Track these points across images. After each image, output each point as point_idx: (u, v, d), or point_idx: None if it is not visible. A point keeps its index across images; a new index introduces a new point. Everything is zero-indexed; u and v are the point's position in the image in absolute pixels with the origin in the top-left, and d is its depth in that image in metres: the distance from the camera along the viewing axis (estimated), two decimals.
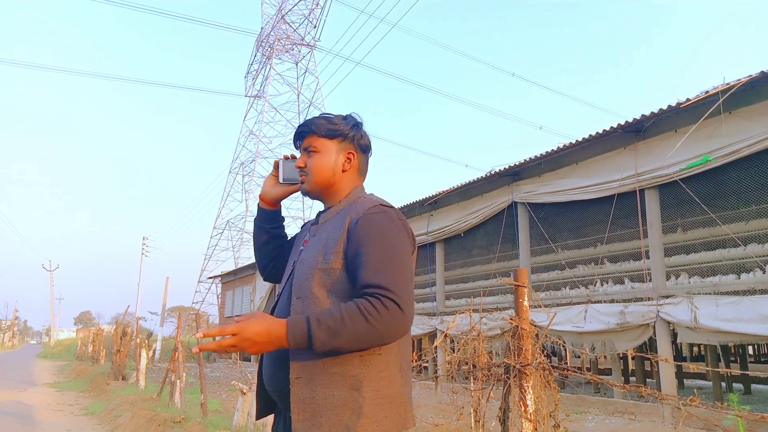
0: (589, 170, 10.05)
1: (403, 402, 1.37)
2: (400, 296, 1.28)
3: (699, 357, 17.90)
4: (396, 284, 1.30)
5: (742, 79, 7.35)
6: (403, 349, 1.41)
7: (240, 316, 1.29)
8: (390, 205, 1.48)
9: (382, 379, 1.33)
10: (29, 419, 7.97)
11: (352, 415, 1.28)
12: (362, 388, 1.30)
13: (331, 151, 1.57)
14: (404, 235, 1.43)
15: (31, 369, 21.29)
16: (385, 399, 1.32)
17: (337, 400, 1.29)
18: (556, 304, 10.53)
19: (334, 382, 1.30)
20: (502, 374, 2.38)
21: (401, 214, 1.47)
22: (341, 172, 1.58)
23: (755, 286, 7.66)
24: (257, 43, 41.94)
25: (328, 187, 1.57)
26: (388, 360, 1.36)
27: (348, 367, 1.31)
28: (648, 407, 8.26)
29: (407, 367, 1.42)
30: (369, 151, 1.66)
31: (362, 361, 1.32)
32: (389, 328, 1.27)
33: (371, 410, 1.29)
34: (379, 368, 1.33)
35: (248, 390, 5.81)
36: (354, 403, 1.29)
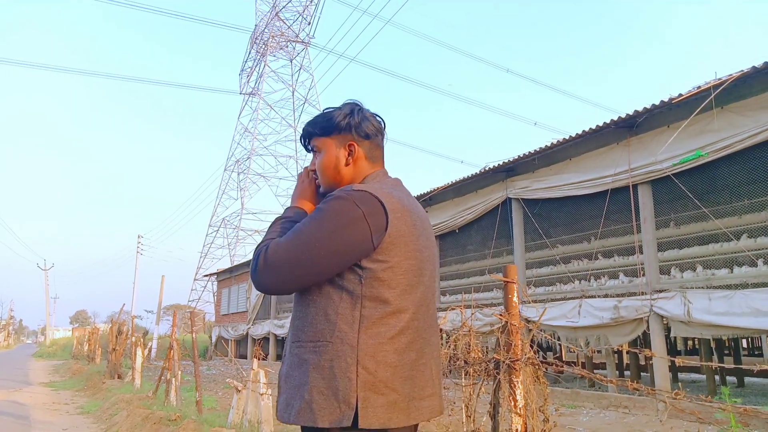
0: (583, 166, 10.08)
1: (349, 397, 1.30)
2: (270, 254, 1.38)
3: (693, 350, 18.02)
4: (279, 249, 1.39)
5: (733, 75, 7.39)
6: (368, 343, 1.33)
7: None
8: (365, 190, 1.40)
9: (329, 368, 1.32)
10: (24, 419, 7.96)
11: (298, 397, 1.35)
12: (309, 373, 1.34)
13: (331, 147, 1.56)
14: (348, 222, 1.35)
15: (27, 368, 21.25)
16: (329, 389, 1.31)
17: (293, 380, 1.38)
18: (550, 299, 10.57)
19: (294, 363, 1.40)
20: (492, 369, 2.40)
21: (372, 202, 1.37)
22: (344, 166, 1.55)
23: (747, 279, 7.72)
24: (251, 40, 41.82)
25: (337, 184, 1.55)
26: (339, 350, 1.33)
27: (303, 351, 1.38)
28: (642, 401, 8.31)
29: (378, 363, 1.33)
30: (375, 135, 1.59)
31: (314, 347, 1.36)
32: (251, 269, 1.44)
33: (311, 396, 1.32)
34: (327, 357, 1.33)
35: (243, 388, 5.82)
36: (301, 387, 1.35)
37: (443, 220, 13.39)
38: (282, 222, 1.52)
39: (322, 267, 1.36)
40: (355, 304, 1.36)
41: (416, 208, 1.51)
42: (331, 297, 1.37)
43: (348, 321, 1.35)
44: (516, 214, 11.55)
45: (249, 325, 24.30)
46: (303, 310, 1.42)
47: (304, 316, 1.41)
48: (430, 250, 1.52)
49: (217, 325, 29.74)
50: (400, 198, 1.45)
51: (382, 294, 1.37)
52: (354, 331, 1.34)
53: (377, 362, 1.34)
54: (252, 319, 24.18)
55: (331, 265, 1.36)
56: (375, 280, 1.37)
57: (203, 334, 34.63)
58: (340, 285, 1.37)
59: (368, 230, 1.36)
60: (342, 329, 1.34)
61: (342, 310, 1.36)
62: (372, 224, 1.36)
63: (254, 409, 5.62)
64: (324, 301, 1.38)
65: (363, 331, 1.34)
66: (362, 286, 1.36)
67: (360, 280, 1.36)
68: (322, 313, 1.37)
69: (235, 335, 26.10)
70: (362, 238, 1.35)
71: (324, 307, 1.37)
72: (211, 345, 29.30)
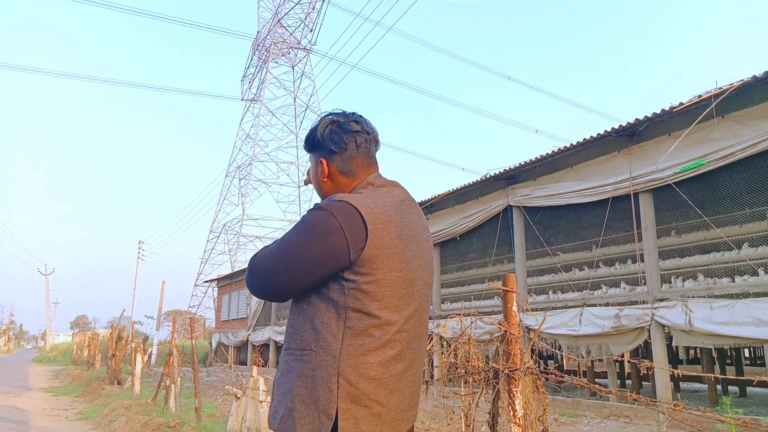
0: (584, 174, 10.09)
1: (328, 408, 1.30)
2: (254, 260, 1.47)
3: (695, 360, 17.94)
4: (261, 257, 1.46)
5: (734, 84, 7.40)
6: (351, 354, 1.32)
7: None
8: (343, 200, 1.37)
9: (311, 377, 1.34)
10: (24, 424, 7.94)
11: (281, 405, 1.37)
12: (294, 381, 1.36)
13: (314, 164, 1.62)
14: (323, 233, 1.33)
15: (27, 373, 21.21)
16: (310, 398, 1.32)
17: (281, 387, 1.41)
18: (551, 307, 10.55)
19: (283, 370, 1.43)
20: (491, 379, 2.39)
21: (351, 214, 1.34)
22: (323, 181, 1.58)
23: (749, 289, 7.70)
24: (254, 46, 42.03)
25: (323, 197, 1.58)
26: (322, 360, 1.33)
27: (291, 359, 1.40)
28: (643, 410, 8.27)
29: (362, 376, 1.32)
30: (347, 147, 1.53)
31: (301, 355, 1.38)
32: (246, 279, 1.50)
33: (293, 404, 1.34)
34: (311, 366, 1.35)
35: (242, 395, 5.80)
36: (286, 394, 1.37)
37: (444, 227, 13.38)
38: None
39: (297, 276, 1.37)
40: (339, 315, 1.35)
41: (405, 217, 1.46)
42: (318, 307, 1.38)
43: (332, 331, 1.34)
44: (517, 222, 11.54)
45: (249, 332, 24.26)
46: (294, 318, 1.44)
47: (294, 324, 1.44)
48: (422, 259, 1.48)
49: (217, 332, 29.70)
50: (385, 208, 1.41)
51: (366, 306, 1.35)
52: (337, 341, 1.33)
53: (359, 374, 1.32)
54: (252, 326, 24.15)
55: (306, 274, 1.36)
56: (359, 292, 1.35)
57: (203, 341, 34.58)
58: (326, 295, 1.37)
59: (345, 241, 1.33)
60: (326, 339, 1.34)
61: (327, 320, 1.36)
62: (349, 236, 1.33)
63: (253, 417, 5.60)
64: (312, 311, 1.39)
65: (346, 342, 1.33)
66: (346, 297, 1.34)
67: (343, 291, 1.35)
68: (309, 322, 1.39)
69: (235, 341, 26.06)
70: (338, 249, 1.33)
71: (311, 317, 1.39)
72: (211, 351, 29.25)
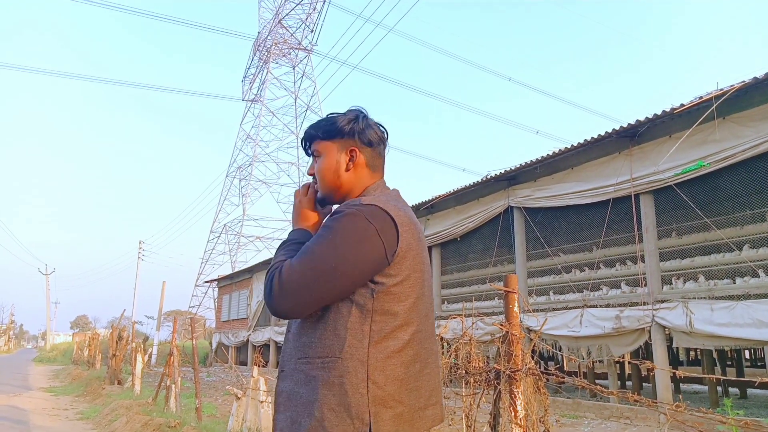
0: (585, 175, 10.09)
1: (361, 413, 1.29)
2: (285, 277, 1.34)
3: (696, 361, 17.94)
4: (293, 271, 1.34)
5: (735, 85, 7.41)
6: (377, 357, 1.33)
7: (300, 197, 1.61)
8: (375, 205, 1.38)
9: (340, 384, 1.30)
10: (24, 424, 7.95)
11: (305, 415, 1.31)
12: (319, 390, 1.31)
13: (332, 151, 1.54)
14: (362, 238, 1.33)
15: (27, 373, 21.22)
16: (340, 406, 1.29)
17: (299, 397, 1.34)
18: (552, 308, 10.54)
19: (300, 381, 1.36)
20: (492, 379, 2.39)
21: (382, 216, 1.36)
22: (345, 172, 1.53)
23: (750, 290, 7.70)
24: (254, 47, 42.05)
25: (336, 189, 1.54)
26: (350, 366, 1.31)
27: (311, 367, 1.35)
28: (644, 412, 8.27)
29: (386, 378, 1.33)
30: (378, 144, 1.57)
31: (323, 363, 1.33)
32: (264, 293, 1.39)
33: (321, 414, 1.29)
34: (337, 373, 1.31)
35: (243, 395, 5.80)
36: (309, 404, 1.31)
37: (445, 228, 13.38)
38: (289, 245, 1.48)
39: (338, 287, 1.33)
40: (365, 318, 1.34)
41: (417, 220, 1.51)
42: (340, 312, 1.35)
43: (358, 336, 1.33)
44: (518, 223, 11.55)
45: (249, 332, 24.26)
46: (311, 326, 1.38)
47: (311, 332, 1.38)
48: (428, 261, 1.53)
49: (218, 332, 29.70)
50: (405, 211, 1.44)
51: (392, 308, 1.36)
52: (364, 346, 1.33)
53: (386, 376, 1.33)
54: (252, 326, 24.15)
55: (347, 284, 1.33)
56: (386, 294, 1.35)
57: (203, 341, 34.59)
58: (351, 299, 1.35)
59: (382, 246, 1.34)
60: (352, 344, 1.32)
61: (352, 325, 1.34)
62: (385, 240, 1.34)
63: (254, 417, 5.60)
64: (333, 317, 1.35)
65: (372, 346, 1.33)
66: (373, 300, 1.35)
67: (372, 294, 1.35)
68: (331, 329, 1.35)
69: (235, 342, 26.06)
70: (377, 254, 1.34)
71: (333, 323, 1.35)
72: (212, 351, 29.25)
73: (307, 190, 1.61)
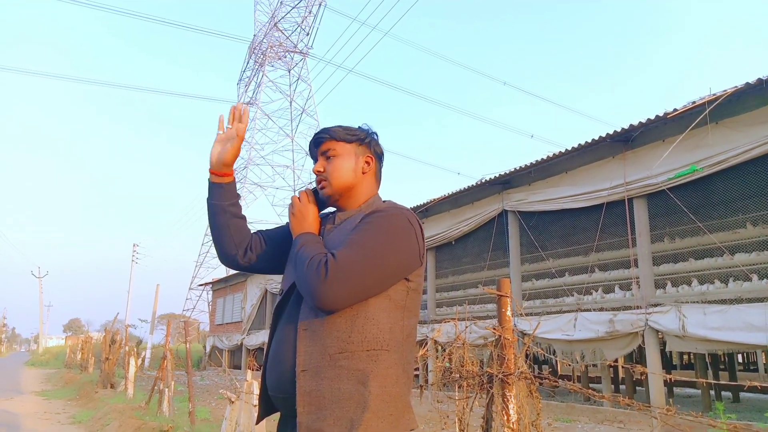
0: (579, 179, 10.13)
1: (406, 402, 1.38)
2: (338, 267, 1.31)
3: (689, 365, 17.99)
4: (346, 258, 1.33)
5: (728, 90, 7.46)
6: (405, 350, 1.41)
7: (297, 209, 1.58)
8: (409, 209, 1.48)
9: (388, 375, 1.34)
10: (15, 428, 7.89)
11: (357, 409, 1.29)
12: (368, 382, 1.31)
13: (351, 153, 1.58)
14: (408, 238, 1.41)
15: (19, 377, 21.07)
16: (390, 396, 1.33)
17: (343, 393, 1.30)
18: (545, 312, 10.56)
19: (340, 376, 1.32)
20: (485, 383, 2.40)
21: (417, 221, 1.46)
22: (361, 174, 1.58)
23: (742, 294, 7.74)
24: (250, 50, 42.01)
25: (349, 189, 1.57)
26: (394, 358, 1.37)
27: (355, 361, 1.33)
28: (637, 415, 8.28)
29: (409, 369, 1.43)
30: (383, 160, 1.67)
31: (369, 356, 1.34)
32: (309, 282, 1.33)
33: (377, 405, 1.30)
34: (386, 365, 1.34)
35: (236, 399, 5.78)
36: (360, 397, 1.30)
37: (439, 231, 13.40)
38: (312, 244, 1.46)
39: (385, 280, 1.38)
40: (400, 314, 1.42)
41: None
42: (380, 306, 1.38)
43: (396, 330, 1.40)
44: (512, 227, 11.57)
45: (243, 336, 24.19)
46: (346, 320, 1.35)
47: (348, 326, 1.35)
48: None
49: (212, 335, 29.59)
50: None
51: (415, 307, 1.47)
52: (400, 339, 1.40)
53: (411, 369, 1.44)
54: (247, 329, 24.07)
55: (391, 278, 1.39)
56: (414, 293, 1.45)
57: (197, 344, 34.42)
58: (389, 296, 1.40)
59: (417, 247, 1.44)
60: (393, 338, 1.39)
61: (393, 319, 1.40)
62: (419, 242, 1.45)
63: (247, 421, 5.58)
64: (374, 310, 1.37)
65: (405, 340, 1.42)
66: (407, 297, 1.43)
67: (407, 292, 1.43)
68: (373, 322, 1.36)
69: (229, 345, 25.96)
70: (415, 254, 1.43)
71: (375, 316, 1.37)
72: (205, 355, 29.13)
73: (308, 197, 1.61)
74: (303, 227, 1.55)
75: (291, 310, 1.46)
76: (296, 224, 1.56)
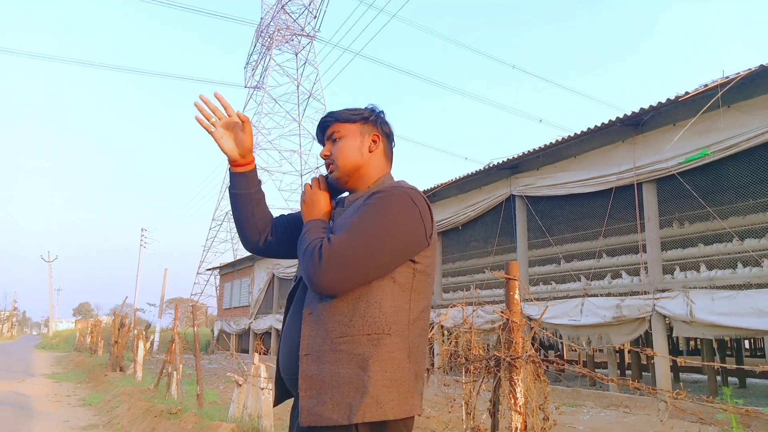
0: (588, 163, 10.04)
1: (410, 387, 1.35)
2: (332, 251, 1.30)
3: (696, 351, 17.97)
4: (341, 243, 1.32)
5: (741, 73, 7.33)
6: (411, 334, 1.39)
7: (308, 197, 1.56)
8: (414, 188, 1.45)
9: (390, 360, 1.32)
10: (27, 409, 8.00)
11: (356, 394, 1.28)
12: (369, 367, 1.30)
13: (356, 133, 1.56)
14: (410, 218, 1.37)
15: (30, 360, 21.36)
16: (392, 381, 1.31)
17: (343, 377, 1.30)
18: (552, 297, 10.55)
19: (341, 360, 1.31)
20: (492, 367, 2.38)
21: (422, 200, 1.42)
22: (368, 152, 1.56)
23: (751, 280, 7.68)
24: (257, 33, 41.77)
25: (357, 169, 1.55)
26: (397, 342, 1.35)
27: (356, 345, 1.32)
28: (643, 400, 8.29)
29: (419, 354, 1.40)
30: (393, 138, 1.63)
31: (370, 340, 1.32)
32: (306, 268, 1.35)
33: (376, 390, 1.29)
34: (387, 349, 1.32)
35: (244, 382, 5.82)
36: (359, 382, 1.29)
37: (447, 216, 13.36)
38: (317, 230, 1.45)
39: (386, 263, 1.35)
40: (406, 297, 1.39)
41: None
42: (383, 289, 1.36)
43: (400, 313, 1.37)
44: (519, 212, 11.52)
45: (251, 320, 24.35)
46: (349, 304, 1.35)
47: (350, 310, 1.34)
48: None
49: (219, 319, 29.81)
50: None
51: (425, 288, 1.43)
52: (405, 323, 1.38)
53: (419, 353, 1.41)
54: (254, 314, 24.23)
55: (393, 261, 1.36)
56: (422, 275, 1.42)
57: (205, 328, 34.75)
58: (393, 278, 1.37)
59: (423, 227, 1.40)
60: (397, 321, 1.36)
61: (397, 302, 1.37)
62: (425, 222, 1.41)
63: (255, 404, 5.62)
64: (376, 294, 1.35)
65: (412, 324, 1.39)
66: (414, 279, 1.40)
67: (414, 274, 1.40)
68: (376, 306, 1.35)
69: (237, 329, 26.16)
70: (420, 235, 1.39)
71: (378, 300, 1.35)
72: (213, 339, 29.38)
73: (319, 184, 1.60)
74: (313, 214, 1.53)
75: (300, 295, 1.48)
76: (307, 211, 1.55)
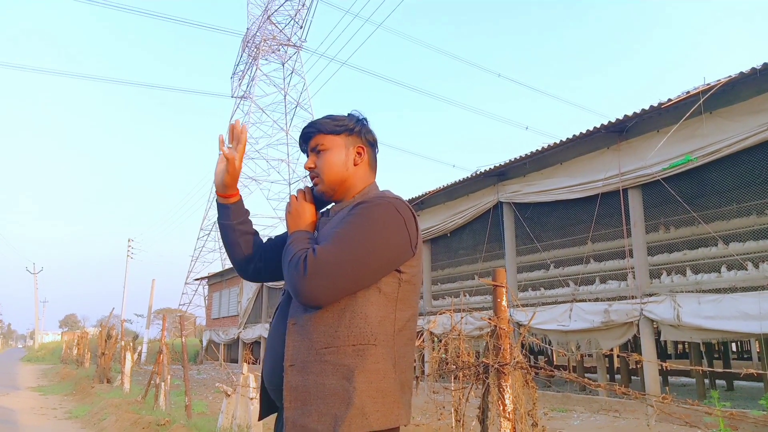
0: (574, 170, 10.13)
1: (396, 398, 1.33)
2: (317, 262, 1.30)
3: (684, 354, 18.11)
4: (325, 253, 1.31)
5: (721, 80, 7.46)
6: (399, 345, 1.38)
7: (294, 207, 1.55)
8: (399, 198, 1.44)
9: (375, 370, 1.31)
10: (12, 423, 7.87)
11: (341, 405, 1.27)
12: (354, 378, 1.29)
13: (340, 146, 1.55)
14: (395, 228, 1.37)
15: (15, 373, 21.02)
16: (378, 392, 1.30)
17: (328, 389, 1.29)
18: (541, 302, 10.59)
19: (326, 371, 1.31)
20: (481, 373, 2.40)
21: (407, 209, 1.42)
22: (353, 166, 1.55)
23: (736, 283, 7.77)
24: (243, 43, 41.78)
25: (342, 182, 1.54)
26: (382, 352, 1.34)
27: (341, 356, 1.31)
28: (632, 405, 8.34)
29: (405, 364, 1.39)
30: (377, 146, 1.63)
31: (355, 350, 1.31)
32: (291, 279, 1.34)
33: (361, 401, 1.27)
34: (373, 359, 1.31)
35: (233, 392, 5.78)
36: (344, 393, 1.28)
37: (435, 223, 13.40)
38: (302, 240, 1.45)
39: (370, 273, 1.34)
40: (392, 306, 1.38)
41: None
42: (369, 299, 1.36)
43: (386, 324, 1.36)
44: (507, 218, 11.58)
45: (240, 329, 24.18)
46: (334, 314, 1.35)
47: (336, 320, 1.34)
48: None
49: (208, 329, 29.58)
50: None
51: (410, 298, 1.43)
52: (391, 333, 1.37)
53: (406, 363, 1.40)
54: (243, 323, 24.07)
55: (378, 271, 1.36)
56: (407, 284, 1.41)
57: (194, 339, 34.44)
58: (378, 288, 1.37)
59: (408, 237, 1.40)
60: (383, 331, 1.35)
61: (382, 312, 1.36)
62: (410, 232, 1.41)
63: (244, 414, 5.58)
64: (361, 304, 1.35)
65: (397, 333, 1.39)
66: (399, 289, 1.39)
67: (399, 283, 1.39)
68: (361, 316, 1.34)
69: (225, 339, 25.97)
70: (406, 244, 1.40)
71: (362, 310, 1.35)
72: (202, 349, 29.13)
73: (305, 196, 1.60)
74: (298, 225, 1.53)
75: (284, 305, 1.47)
76: (292, 223, 1.54)
